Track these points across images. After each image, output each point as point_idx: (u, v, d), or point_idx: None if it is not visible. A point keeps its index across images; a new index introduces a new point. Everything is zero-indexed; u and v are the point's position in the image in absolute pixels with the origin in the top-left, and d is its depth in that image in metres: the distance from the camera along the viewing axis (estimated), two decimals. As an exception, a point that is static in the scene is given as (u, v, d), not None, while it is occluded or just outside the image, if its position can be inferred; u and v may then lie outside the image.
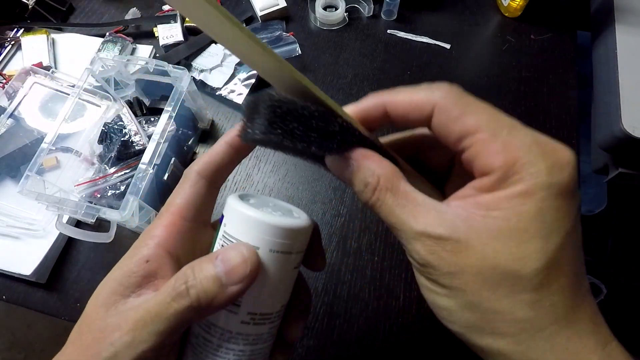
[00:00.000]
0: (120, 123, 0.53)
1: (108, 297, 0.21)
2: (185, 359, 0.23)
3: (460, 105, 0.19)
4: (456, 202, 0.19)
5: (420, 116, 0.20)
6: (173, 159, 0.53)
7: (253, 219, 0.21)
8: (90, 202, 0.47)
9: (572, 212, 0.18)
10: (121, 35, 0.65)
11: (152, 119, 0.55)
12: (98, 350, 0.20)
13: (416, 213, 0.19)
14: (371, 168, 0.20)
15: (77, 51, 0.66)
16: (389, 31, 0.68)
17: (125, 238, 0.53)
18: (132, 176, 0.47)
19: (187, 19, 0.68)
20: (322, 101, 0.20)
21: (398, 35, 0.68)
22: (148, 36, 0.67)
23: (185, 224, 0.23)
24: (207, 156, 0.24)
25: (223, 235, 0.22)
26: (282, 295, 0.23)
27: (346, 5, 0.68)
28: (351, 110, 0.22)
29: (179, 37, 0.65)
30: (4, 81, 0.60)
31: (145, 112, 0.57)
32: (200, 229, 0.24)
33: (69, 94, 0.50)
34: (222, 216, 0.23)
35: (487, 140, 0.18)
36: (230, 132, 0.24)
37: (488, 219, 0.18)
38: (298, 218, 0.23)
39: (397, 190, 0.20)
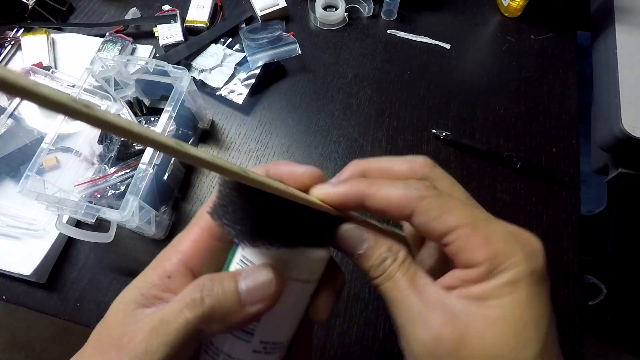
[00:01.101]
0: (120, 123, 0.53)
1: (128, 304, 0.21)
2: None
3: (439, 206, 0.20)
4: (448, 293, 0.20)
5: (400, 215, 0.21)
6: (173, 159, 0.53)
7: (276, 250, 0.20)
8: (90, 202, 0.46)
9: (548, 295, 0.19)
10: (121, 35, 0.65)
11: (152, 119, 0.55)
12: (115, 357, 0.19)
13: (424, 307, 0.20)
14: (389, 244, 0.21)
15: (77, 51, 0.66)
16: (389, 31, 0.68)
17: (125, 238, 0.53)
18: (132, 176, 0.47)
19: (187, 19, 0.68)
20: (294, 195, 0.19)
21: (398, 35, 0.68)
22: (148, 36, 0.67)
23: (213, 242, 0.22)
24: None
25: (241, 259, 0.21)
26: (295, 324, 0.23)
27: (346, 5, 0.68)
28: (328, 196, 0.21)
29: (179, 37, 0.65)
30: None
31: (145, 112, 0.57)
32: (227, 249, 0.23)
33: (69, 94, 0.50)
34: None
35: (468, 235, 0.19)
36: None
37: (483, 310, 0.19)
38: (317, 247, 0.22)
39: (408, 271, 0.21)
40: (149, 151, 0.45)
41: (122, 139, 0.53)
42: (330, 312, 0.23)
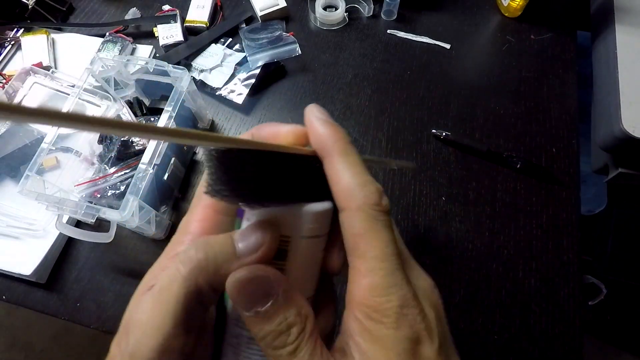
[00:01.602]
0: (120, 123, 0.53)
1: (140, 292, 0.20)
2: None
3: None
4: None
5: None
6: (173, 159, 0.53)
7: (277, 210, 0.20)
8: (90, 202, 0.46)
9: None
10: (121, 35, 0.65)
11: (152, 119, 0.55)
12: (124, 347, 0.19)
13: None
14: (300, 304, 0.18)
15: (77, 51, 0.66)
16: (389, 31, 0.68)
17: (125, 238, 0.53)
18: (132, 176, 0.47)
19: (187, 19, 0.68)
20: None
21: (398, 35, 0.68)
22: (148, 36, 0.67)
23: (219, 217, 0.22)
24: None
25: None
26: (313, 281, 0.22)
27: (346, 5, 0.68)
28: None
29: (179, 37, 0.65)
30: (4, 81, 0.60)
31: (145, 112, 0.57)
32: (234, 222, 0.23)
33: (69, 94, 0.50)
34: (242, 210, 0.22)
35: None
36: None
37: None
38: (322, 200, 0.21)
39: (315, 346, 0.18)
40: (149, 151, 0.45)
41: (122, 139, 0.53)
42: (343, 263, 0.22)
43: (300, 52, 0.63)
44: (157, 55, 0.66)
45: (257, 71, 0.62)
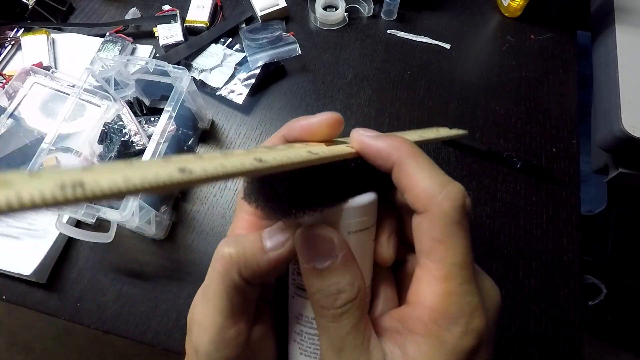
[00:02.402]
0: (120, 123, 0.53)
1: (198, 297, 0.22)
2: (293, 357, 0.22)
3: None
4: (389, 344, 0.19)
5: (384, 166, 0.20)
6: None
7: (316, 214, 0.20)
8: (91, 202, 0.46)
9: None
10: (121, 35, 0.65)
11: (152, 119, 0.55)
12: (189, 344, 0.21)
13: None
14: (355, 275, 0.19)
15: (77, 51, 0.66)
16: (389, 31, 0.68)
17: (125, 238, 0.53)
18: (132, 176, 0.47)
19: (187, 19, 0.68)
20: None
21: (398, 35, 0.68)
22: (148, 36, 0.67)
23: (263, 223, 0.22)
24: None
25: None
26: (369, 271, 0.22)
27: (346, 5, 0.68)
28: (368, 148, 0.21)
29: (179, 37, 0.65)
30: (4, 81, 0.60)
31: (145, 112, 0.57)
32: None
33: (69, 94, 0.50)
34: None
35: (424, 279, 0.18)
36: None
37: None
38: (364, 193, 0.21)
39: (360, 320, 0.18)
40: (148, 151, 0.45)
41: (122, 139, 0.53)
42: (395, 253, 0.22)
43: (300, 52, 0.63)
44: (157, 55, 0.66)
45: (257, 71, 0.62)
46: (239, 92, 0.62)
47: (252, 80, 0.62)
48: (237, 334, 0.20)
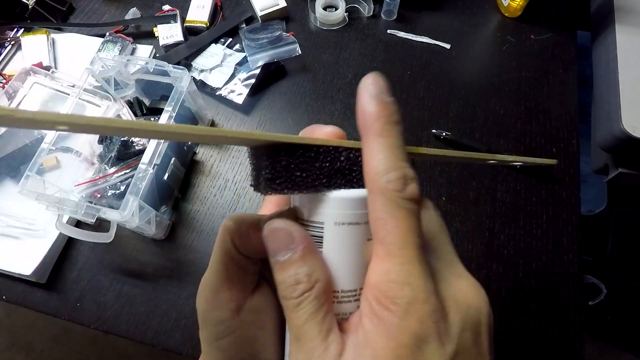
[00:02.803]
0: (120, 123, 0.53)
1: None
2: (287, 342, 0.23)
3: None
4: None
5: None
6: (173, 159, 0.53)
7: (310, 195, 0.21)
8: (90, 202, 0.46)
9: None
10: (121, 35, 0.65)
11: (152, 119, 0.55)
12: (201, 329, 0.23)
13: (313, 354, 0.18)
14: (313, 267, 0.19)
15: (77, 51, 0.66)
16: (389, 31, 0.68)
17: (125, 238, 0.53)
18: (132, 176, 0.47)
19: (187, 19, 0.68)
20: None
21: (398, 35, 0.68)
22: (148, 36, 0.67)
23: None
24: None
25: None
26: (362, 270, 0.22)
27: (346, 5, 0.68)
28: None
29: (179, 37, 0.65)
30: (4, 81, 0.60)
31: (145, 112, 0.57)
32: None
33: (69, 94, 0.50)
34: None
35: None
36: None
37: None
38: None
39: (317, 311, 0.18)
40: (149, 151, 0.45)
41: (122, 139, 0.53)
42: None
43: (300, 52, 0.63)
44: (157, 55, 0.66)
45: (257, 71, 0.62)
46: (239, 92, 0.62)
47: (252, 80, 0.62)
48: (230, 299, 0.22)
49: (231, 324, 0.22)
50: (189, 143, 0.58)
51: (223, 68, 0.64)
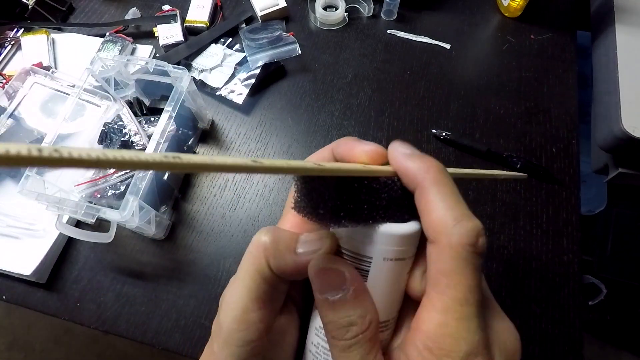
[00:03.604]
0: (120, 123, 0.53)
1: (232, 279, 0.23)
2: None
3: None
4: None
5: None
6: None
7: (362, 228, 0.20)
8: (90, 202, 0.46)
9: None
10: (121, 35, 0.65)
11: (152, 119, 0.55)
12: (216, 321, 0.22)
13: None
14: (366, 308, 0.19)
15: (77, 51, 0.66)
16: (389, 31, 0.68)
17: (125, 238, 0.53)
18: (132, 176, 0.47)
19: (187, 19, 0.68)
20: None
21: (398, 35, 0.68)
22: (148, 36, 0.67)
23: (307, 226, 0.22)
24: None
25: None
26: (397, 302, 0.22)
27: (346, 5, 0.68)
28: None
29: (179, 37, 0.65)
30: (4, 81, 0.60)
31: (145, 112, 0.57)
32: None
33: (69, 94, 0.50)
34: None
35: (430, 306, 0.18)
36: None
37: None
38: (408, 221, 0.21)
39: (370, 352, 0.19)
40: (148, 151, 0.45)
41: (122, 139, 0.53)
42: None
43: (300, 52, 0.63)
44: (157, 55, 0.66)
45: (257, 71, 0.62)
46: (239, 92, 0.62)
47: (252, 80, 0.62)
48: (260, 319, 0.20)
49: (258, 346, 0.20)
50: (189, 142, 0.58)
51: (223, 68, 0.64)
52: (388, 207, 0.20)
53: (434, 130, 0.60)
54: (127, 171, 0.51)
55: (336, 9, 0.69)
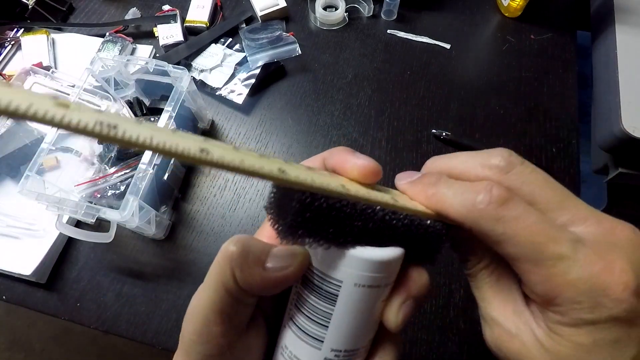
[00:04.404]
0: (120, 123, 0.53)
1: (201, 285, 0.22)
2: None
3: (499, 225, 0.17)
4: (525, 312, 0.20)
5: (461, 225, 0.19)
6: (173, 159, 0.53)
7: (334, 250, 0.18)
8: (90, 202, 0.47)
9: (635, 337, 0.17)
10: (121, 35, 0.65)
11: (152, 119, 0.55)
12: (182, 330, 0.21)
13: (498, 317, 0.20)
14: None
15: (77, 51, 0.66)
16: (389, 31, 0.68)
17: (126, 238, 0.53)
18: (132, 176, 0.47)
19: (187, 19, 0.68)
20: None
21: (398, 35, 0.68)
22: (148, 36, 0.67)
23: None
24: None
25: None
26: (369, 330, 0.21)
27: (346, 5, 0.68)
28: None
29: (179, 37, 0.65)
30: (4, 81, 0.60)
31: (145, 112, 0.57)
32: None
33: (69, 94, 0.50)
34: None
35: (527, 272, 0.18)
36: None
37: (549, 343, 0.18)
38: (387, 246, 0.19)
39: (492, 274, 0.20)
40: (149, 151, 0.45)
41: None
42: (406, 321, 0.20)
43: (300, 52, 0.63)
44: (157, 55, 0.66)
45: (257, 71, 0.62)
46: (239, 92, 0.62)
47: (252, 80, 0.62)
48: (222, 334, 0.19)
49: None
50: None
51: (223, 68, 0.64)
52: (361, 234, 0.18)
53: (434, 130, 0.60)
54: (127, 171, 0.51)
55: (336, 9, 0.69)
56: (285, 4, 0.68)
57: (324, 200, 0.17)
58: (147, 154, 0.45)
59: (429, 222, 0.19)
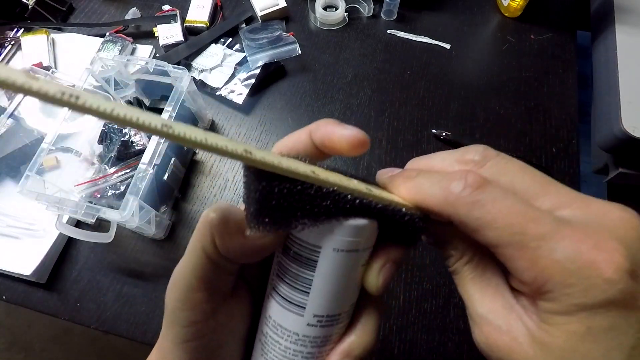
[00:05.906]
0: (120, 123, 0.53)
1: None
2: (254, 355, 0.22)
3: (477, 213, 0.17)
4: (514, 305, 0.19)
5: (439, 215, 0.19)
6: (173, 159, 0.53)
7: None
8: (90, 202, 0.47)
9: (634, 323, 0.16)
10: (121, 35, 0.65)
11: (152, 119, 0.55)
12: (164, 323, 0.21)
13: (486, 313, 0.19)
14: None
15: (77, 51, 0.66)
16: (389, 31, 0.68)
17: (126, 238, 0.53)
18: (132, 176, 0.47)
19: (187, 19, 0.68)
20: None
21: (398, 35, 0.68)
22: (148, 36, 0.67)
23: None
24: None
25: None
26: (350, 295, 0.21)
27: (346, 5, 0.68)
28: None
29: (179, 37, 0.65)
30: None
31: (145, 112, 0.57)
32: None
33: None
34: None
35: (511, 256, 0.17)
36: None
37: (539, 334, 0.17)
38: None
39: (476, 268, 0.20)
40: (149, 151, 0.45)
41: (122, 139, 0.53)
42: (387, 284, 0.20)
43: (300, 52, 0.63)
44: (157, 55, 0.66)
45: (257, 71, 0.62)
46: (239, 92, 0.62)
47: (252, 80, 0.62)
48: (205, 300, 0.19)
49: (203, 327, 0.20)
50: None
51: (223, 68, 0.64)
52: (333, 214, 0.18)
53: (434, 130, 0.60)
54: (127, 171, 0.51)
55: (336, 9, 0.69)
56: (285, 4, 0.68)
57: (288, 187, 0.17)
58: (147, 154, 0.45)
59: (404, 209, 0.19)
